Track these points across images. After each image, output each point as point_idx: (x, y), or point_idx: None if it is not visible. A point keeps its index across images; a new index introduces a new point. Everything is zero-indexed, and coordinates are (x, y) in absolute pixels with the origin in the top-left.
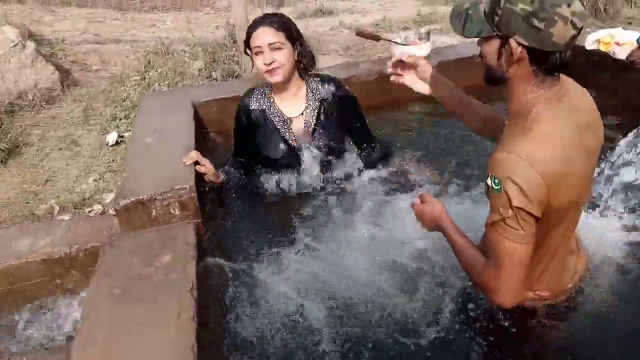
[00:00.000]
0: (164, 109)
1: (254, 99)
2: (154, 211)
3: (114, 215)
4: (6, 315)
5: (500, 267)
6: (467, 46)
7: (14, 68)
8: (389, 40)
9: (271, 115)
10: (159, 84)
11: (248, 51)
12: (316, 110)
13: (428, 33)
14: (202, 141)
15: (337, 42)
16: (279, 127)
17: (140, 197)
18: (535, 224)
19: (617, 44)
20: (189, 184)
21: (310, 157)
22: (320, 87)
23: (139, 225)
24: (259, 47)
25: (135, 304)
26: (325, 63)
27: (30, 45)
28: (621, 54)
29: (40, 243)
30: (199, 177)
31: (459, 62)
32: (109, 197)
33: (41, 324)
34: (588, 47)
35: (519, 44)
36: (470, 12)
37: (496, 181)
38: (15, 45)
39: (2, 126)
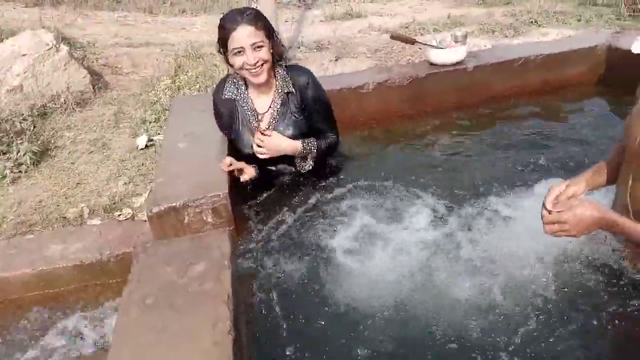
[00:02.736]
0: (195, 113)
1: (227, 89)
2: (186, 218)
3: (145, 220)
4: (37, 322)
5: None
6: (503, 49)
7: (48, 71)
8: (424, 44)
9: (243, 107)
10: (189, 88)
11: (221, 50)
12: (281, 102)
13: (465, 36)
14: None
15: (366, 44)
16: (249, 120)
17: (173, 204)
18: None
19: None
20: (223, 191)
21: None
22: (288, 78)
23: (170, 232)
24: (241, 47)
25: (169, 315)
26: (353, 66)
27: (64, 48)
28: None
29: (71, 248)
30: (234, 181)
31: (497, 65)
32: (138, 201)
33: (72, 332)
34: (635, 52)
35: None
36: None
37: None
38: (49, 49)
39: (35, 128)
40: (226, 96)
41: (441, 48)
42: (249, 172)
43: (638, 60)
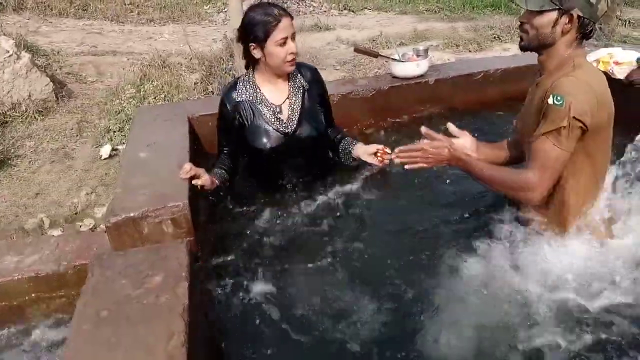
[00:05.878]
0: (158, 123)
1: (240, 91)
2: (145, 229)
3: (105, 231)
4: None
5: (544, 169)
6: (465, 63)
7: (8, 79)
8: (387, 57)
9: (259, 105)
10: (155, 97)
11: (253, 44)
12: (300, 97)
13: (426, 50)
14: (197, 156)
15: (334, 57)
16: (268, 115)
17: (132, 214)
18: (583, 137)
19: (616, 63)
20: (183, 201)
21: (300, 142)
22: (299, 74)
23: (129, 243)
24: (285, 37)
25: (123, 328)
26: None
27: (25, 56)
28: (620, 73)
29: (27, 260)
30: (194, 191)
31: (457, 79)
32: (100, 212)
33: (25, 347)
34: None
35: (577, 15)
36: None
37: (558, 97)
38: (9, 56)
39: None
40: (238, 99)
41: (403, 62)
42: (203, 179)
43: None
